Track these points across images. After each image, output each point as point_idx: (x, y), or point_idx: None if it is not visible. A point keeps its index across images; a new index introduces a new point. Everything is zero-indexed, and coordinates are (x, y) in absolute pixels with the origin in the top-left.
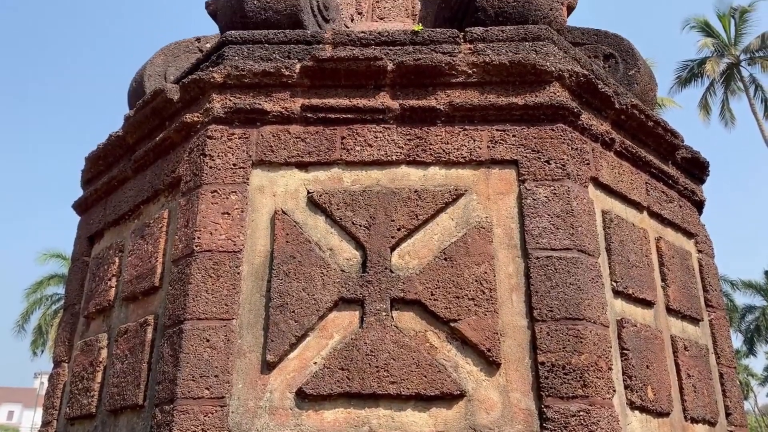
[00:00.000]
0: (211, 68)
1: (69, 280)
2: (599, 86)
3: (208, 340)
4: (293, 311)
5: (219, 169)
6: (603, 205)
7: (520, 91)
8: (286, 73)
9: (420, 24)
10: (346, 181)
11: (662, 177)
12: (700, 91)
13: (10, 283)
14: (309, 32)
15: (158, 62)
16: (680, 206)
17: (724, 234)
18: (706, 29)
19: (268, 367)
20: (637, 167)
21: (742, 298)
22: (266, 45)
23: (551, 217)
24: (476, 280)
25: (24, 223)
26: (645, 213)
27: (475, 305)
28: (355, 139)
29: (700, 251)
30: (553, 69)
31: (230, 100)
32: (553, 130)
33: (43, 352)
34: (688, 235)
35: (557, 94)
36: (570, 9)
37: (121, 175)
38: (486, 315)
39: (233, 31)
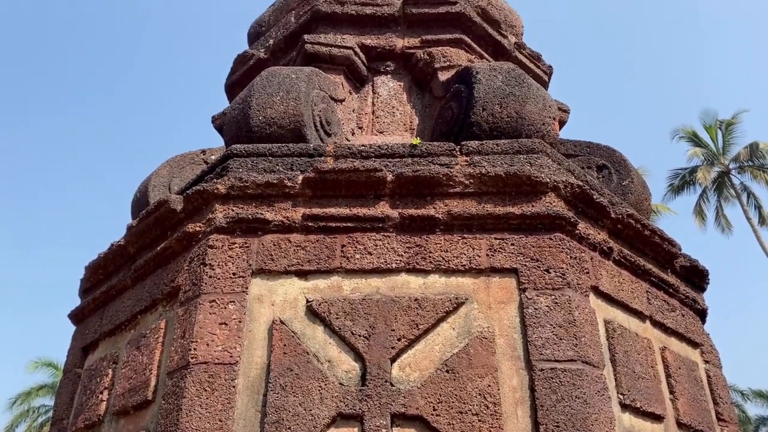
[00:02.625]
0: (215, 180)
1: (59, 393)
2: (594, 196)
3: None
4: (289, 428)
5: (218, 279)
6: (605, 314)
7: (516, 201)
8: (289, 183)
9: (418, 138)
10: (346, 290)
11: (662, 286)
12: (694, 198)
13: None
14: (311, 145)
15: (163, 173)
16: (683, 315)
17: (728, 340)
18: (695, 139)
19: None
20: (636, 276)
21: (754, 409)
22: (270, 157)
23: (554, 327)
24: (480, 394)
25: (16, 328)
26: (648, 322)
27: (480, 421)
28: (355, 247)
29: (707, 361)
30: (548, 180)
31: (233, 210)
32: (551, 239)
33: None
34: (693, 344)
35: (553, 204)
36: (561, 123)
37: (120, 285)
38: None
39: (238, 145)
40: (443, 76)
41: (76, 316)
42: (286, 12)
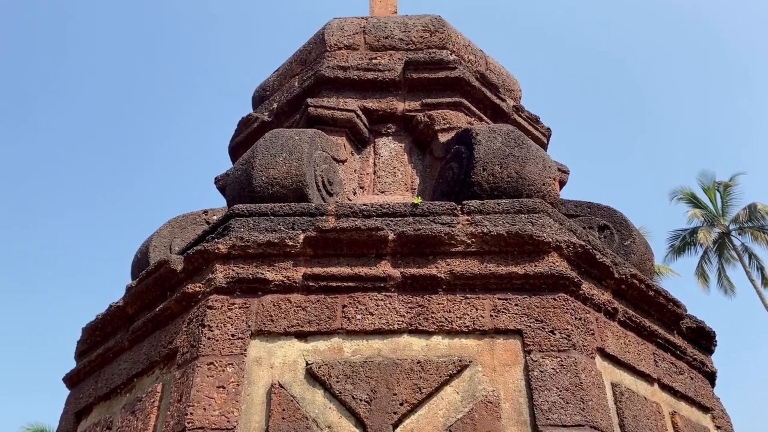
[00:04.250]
0: (216, 239)
1: None
2: (597, 256)
3: None
4: None
5: (217, 340)
6: (612, 377)
7: (519, 261)
8: (290, 243)
9: (419, 197)
10: (347, 352)
11: (669, 347)
12: (695, 260)
13: None
14: (313, 204)
15: (165, 234)
16: (691, 378)
17: (739, 405)
18: (694, 200)
19: None
20: (642, 337)
21: None
22: (271, 217)
23: (560, 391)
24: None
25: (7, 393)
26: (656, 386)
27: None
28: (357, 307)
29: (718, 427)
30: (551, 240)
31: (233, 270)
32: (555, 299)
33: None
34: (704, 409)
35: (556, 263)
36: (561, 183)
37: (117, 347)
38: None
39: (240, 204)
40: (443, 138)
41: (71, 380)
42: (290, 77)
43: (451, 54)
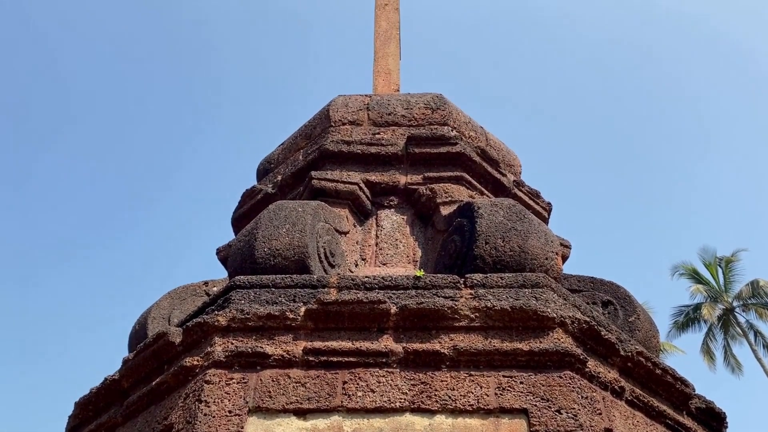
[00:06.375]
0: (216, 312)
1: None
2: (602, 333)
3: None
4: None
5: (213, 417)
6: None
7: (523, 337)
8: (291, 316)
9: (421, 269)
10: (347, 430)
11: (679, 429)
12: (698, 336)
13: None
14: (315, 276)
15: (164, 305)
16: None
17: None
18: (696, 276)
19: None
20: (651, 418)
21: None
22: (273, 289)
23: None
24: None
25: None
26: None
27: None
28: (357, 384)
29: None
30: (555, 315)
31: (232, 344)
32: (560, 377)
33: None
34: None
35: (561, 340)
36: (564, 258)
37: (110, 422)
38: None
39: (242, 276)
40: (445, 211)
41: None
42: (295, 151)
43: (452, 130)
